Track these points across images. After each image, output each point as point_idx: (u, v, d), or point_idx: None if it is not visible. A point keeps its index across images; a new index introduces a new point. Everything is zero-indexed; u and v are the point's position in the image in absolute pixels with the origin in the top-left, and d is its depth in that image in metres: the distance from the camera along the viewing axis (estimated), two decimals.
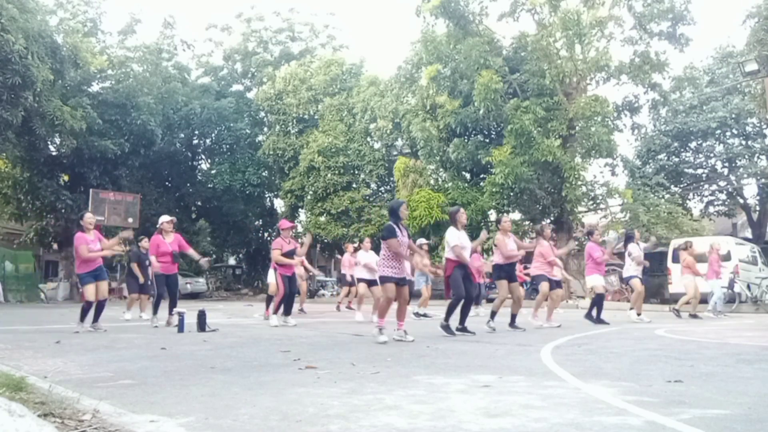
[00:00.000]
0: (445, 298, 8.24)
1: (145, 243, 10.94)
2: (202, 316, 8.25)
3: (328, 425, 2.68)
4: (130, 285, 11.20)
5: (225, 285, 32.53)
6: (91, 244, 8.02)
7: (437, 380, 3.92)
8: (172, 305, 9.04)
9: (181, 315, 8.16)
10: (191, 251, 9.29)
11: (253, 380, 3.97)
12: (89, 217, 8.28)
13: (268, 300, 11.33)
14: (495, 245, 8.50)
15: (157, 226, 9.22)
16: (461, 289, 7.37)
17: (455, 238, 7.42)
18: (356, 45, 70.26)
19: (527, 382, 3.84)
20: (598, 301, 9.83)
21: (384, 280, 6.76)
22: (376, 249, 9.09)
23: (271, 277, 10.94)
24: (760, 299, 15.42)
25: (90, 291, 8.03)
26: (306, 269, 12.63)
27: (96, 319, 8.21)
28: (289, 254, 9.08)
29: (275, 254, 9.04)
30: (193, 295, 26.66)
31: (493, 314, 8.27)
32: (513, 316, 8.44)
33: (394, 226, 6.79)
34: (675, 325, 9.80)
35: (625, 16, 19.85)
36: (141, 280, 10.71)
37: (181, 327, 8.01)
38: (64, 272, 24.77)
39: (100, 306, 8.23)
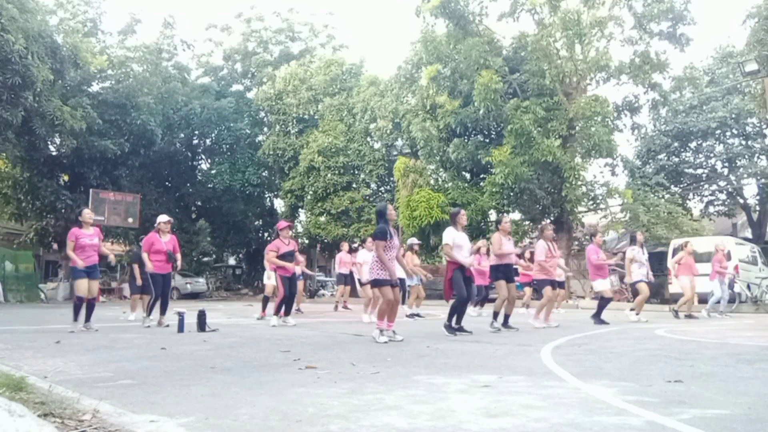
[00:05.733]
0: (446, 299, 8.26)
1: None
2: (202, 316, 8.24)
3: (328, 425, 2.68)
4: (131, 286, 11.18)
5: (225, 285, 32.53)
6: (84, 239, 8.00)
7: (437, 380, 3.91)
8: (164, 306, 9.00)
9: (181, 315, 8.14)
10: (178, 255, 9.18)
11: (253, 380, 3.97)
12: (88, 213, 8.27)
13: (265, 301, 11.32)
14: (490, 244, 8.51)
15: (155, 225, 9.23)
16: (463, 290, 7.45)
17: (450, 238, 7.49)
18: (356, 45, 70.39)
19: (527, 382, 3.84)
20: (603, 304, 9.84)
21: (379, 283, 6.81)
22: None
23: (267, 279, 10.90)
24: (760, 299, 15.42)
25: (82, 286, 8.00)
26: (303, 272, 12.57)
27: (87, 318, 8.18)
28: (289, 255, 9.06)
29: (269, 256, 9.01)
30: (193, 295, 26.65)
31: (495, 315, 8.25)
32: (506, 316, 8.42)
33: (386, 229, 6.84)
34: (675, 325, 9.80)
35: (625, 16, 19.89)
36: (139, 282, 10.30)
37: (181, 327, 8.00)
38: (64, 272, 24.76)
39: (90, 306, 8.21)
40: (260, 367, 4.62)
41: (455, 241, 7.47)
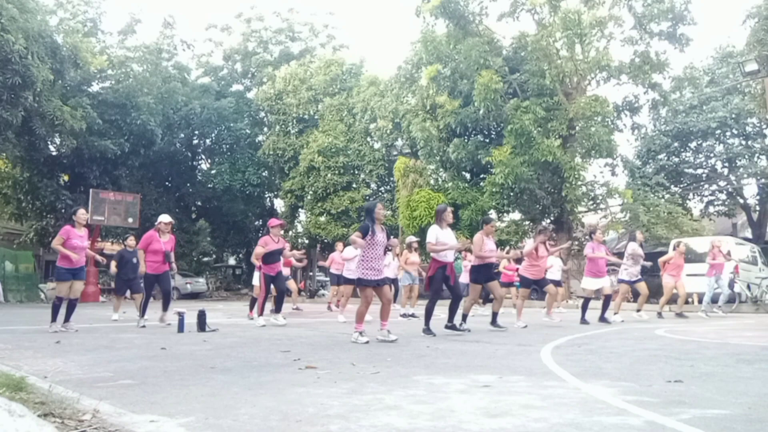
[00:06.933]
0: (425, 289, 8.23)
1: (130, 242, 10.89)
2: (202, 316, 8.24)
3: (328, 425, 2.67)
4: (117, 286, 11.09)
5: (225, 285, 32.53)
6: (75, 240, 7.94)
7: (437, 380, 3.91)
8: (166, 303, 9.00)
9: (181, 315, 8.14)
10: (171, 256, 9.16)
11: (253, 380, 3.96)
12: (82, 213, 8.20)
13: (253, 302, 11.27)
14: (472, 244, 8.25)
15: (155, 224, 9.22)
16: (439, 292, 7.43)
17: (433, 236, 7.41)
18: (356, 45, 70.44)
19: (527, 382, 3.84)
20: (584, 304, 9.80)
21: (361, 283, 6.65)
22: None
23: (257, 280, 10.89)
24: (760, 299, 15.40)
25: (64, 287, 7.96)
26: (297, 260, 12.53)
27: (67, 318, 8.11)
28: (277, 253, 9.05)
29: (257, 249, 8.95)
30: (193, 295, 26.65)
31: (464, 317, 7.95)
32: (494, 315, 8.39)
33: (370, 227, 6.65)
34: (675, 325, 9.79)
35: (625, 16, 19.91)
36: (113, 269, 10.73)
37: (181, 327, 8.00)
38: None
39: (72, 305, 8.14)
40: (260, 367, 4.62)
41: (438, 238, 7.38)
